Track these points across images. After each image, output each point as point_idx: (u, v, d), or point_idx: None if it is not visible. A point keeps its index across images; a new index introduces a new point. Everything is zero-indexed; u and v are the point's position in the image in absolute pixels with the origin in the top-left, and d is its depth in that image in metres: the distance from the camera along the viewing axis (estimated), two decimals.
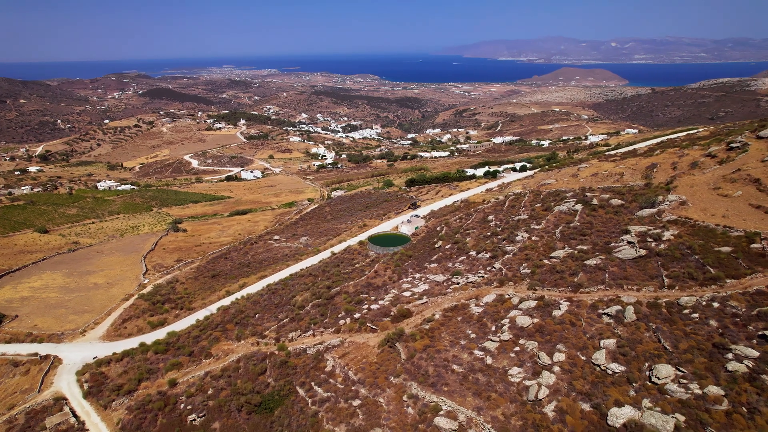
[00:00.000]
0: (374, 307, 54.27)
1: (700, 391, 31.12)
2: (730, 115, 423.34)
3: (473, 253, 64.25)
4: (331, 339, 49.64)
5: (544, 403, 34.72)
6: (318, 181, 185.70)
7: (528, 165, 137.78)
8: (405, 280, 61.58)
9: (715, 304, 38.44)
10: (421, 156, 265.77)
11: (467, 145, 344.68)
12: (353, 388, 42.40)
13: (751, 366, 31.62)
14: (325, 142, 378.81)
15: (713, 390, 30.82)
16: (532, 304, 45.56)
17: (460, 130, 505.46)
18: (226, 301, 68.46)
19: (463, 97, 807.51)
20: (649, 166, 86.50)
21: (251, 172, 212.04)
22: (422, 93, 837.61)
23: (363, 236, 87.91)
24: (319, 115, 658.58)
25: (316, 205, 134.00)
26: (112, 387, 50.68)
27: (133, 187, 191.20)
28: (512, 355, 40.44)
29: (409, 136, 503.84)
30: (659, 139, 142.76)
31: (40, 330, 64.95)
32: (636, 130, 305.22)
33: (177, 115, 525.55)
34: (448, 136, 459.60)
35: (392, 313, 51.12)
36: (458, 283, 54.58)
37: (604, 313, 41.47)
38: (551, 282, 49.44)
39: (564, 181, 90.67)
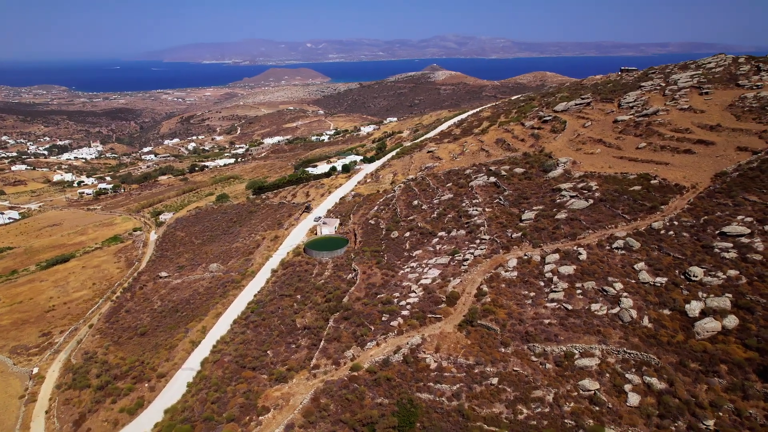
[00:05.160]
0: (412, 300, 55.20)
1: (725, 276, 46.15)
2: (423, 102, 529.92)
3: (443, 233, 70.25)
4: (407, 340, 49.15)
5: (638, 320, 44.91)
6: (117, 209, 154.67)
7: (359, 158, 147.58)
8: (405, 271, 63.27)
9: (676, 223, 55.52)
10: (208, 166, 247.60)
11: (242, 150, 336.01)
12: (476, 371, 44.51)
13: (735, 252, 48.49)
14: (63, 167, 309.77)
15: (731, 272, 46.23)
16: (556, 257, 55.34)
17: (200, 137, 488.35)
18: (204, 352, 56.67)
19: (179, 104, 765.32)
20: (498, 140, 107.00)
21: (1, 213, 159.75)
22: (131, 102, 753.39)
23: (287, 247, 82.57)
24: (6, 138, 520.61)
25: (157, 234, 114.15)
26: None
27: None
28: (580, 296, 49.45)
29: (146, 149, 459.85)
30: (452, 121, 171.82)
31: None
32: (395, 119, 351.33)
33: None
34: (193, 144, 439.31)
35: (443, 299, 53.59)
36: (467, 260, 60.16)
37: (614, 248, 54.32)
38: (547, 238, 60.17)
39: (442, 163, 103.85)
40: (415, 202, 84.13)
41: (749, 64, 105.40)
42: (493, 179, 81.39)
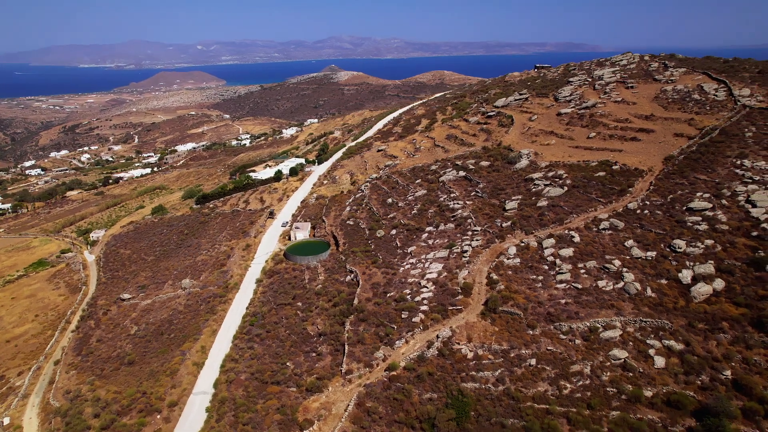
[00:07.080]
0: (426, 295, 56.02)
1: (703, 245, 52.87)
2: (327, 103, 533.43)
3: (431, 228, 71.69)
4: (435, 333, 49.93)
5: (643, 291, 50.01)
6: (26, 230, 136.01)
7: (302, 160, 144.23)
8: (405, 268, 63.71)
9: (647, 203, 62.23)
10: (123, 177, 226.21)
11: (153, 159, 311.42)
12: (512, 354, 46.68)
13: (706, 225, 55.69)
14: None
15: (708, 242, 53.10)
16: (553, 241, 59.38)
17: (92, 148, 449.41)
18: (213, 373, 52.70)
19: (57, 112, 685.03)
20: (449, 136, 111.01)
21: None
22: None
23: (263, 255, 78.88)
24: None
25: (94, 254, 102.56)
26: None
27: None
28: (585, 275, 53.72)
29: (28, 163, 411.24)
30: (386, 120, 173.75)
31: None
32: (316, 120, 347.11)
33: None
34: (87, 156, 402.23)
35: (458, 291, 55.11)
36: (467, 251, 62.29)
37: (602, 229, 59.59)
38: (536, 224, 64.19)
39: (401, 161, 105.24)
40: (390, 200, 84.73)
41: (655, 61, 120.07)
42: (462, 173, 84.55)
